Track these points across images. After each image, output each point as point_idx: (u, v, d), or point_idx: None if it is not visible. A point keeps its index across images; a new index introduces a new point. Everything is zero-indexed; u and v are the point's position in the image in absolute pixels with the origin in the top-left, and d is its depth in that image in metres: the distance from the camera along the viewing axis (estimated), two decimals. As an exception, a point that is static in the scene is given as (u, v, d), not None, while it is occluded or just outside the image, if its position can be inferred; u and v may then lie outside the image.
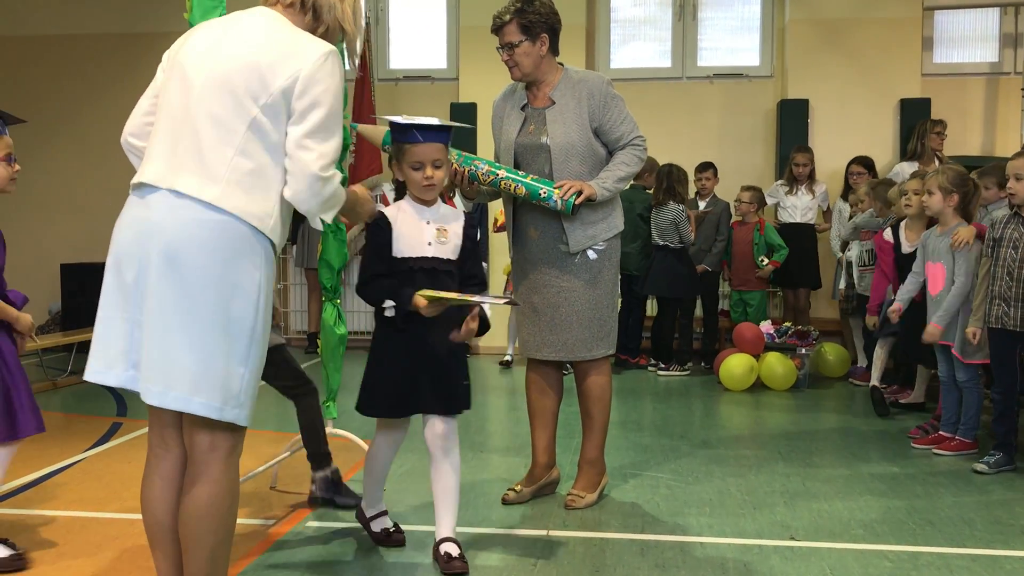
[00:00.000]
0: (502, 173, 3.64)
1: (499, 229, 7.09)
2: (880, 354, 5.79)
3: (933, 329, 4.69)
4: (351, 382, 3.52)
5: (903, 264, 5.29)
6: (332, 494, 3.64)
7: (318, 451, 3.65)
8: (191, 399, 2.24)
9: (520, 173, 3.67)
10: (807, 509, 3.79)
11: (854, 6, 8.09)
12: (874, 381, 5.80)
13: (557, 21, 3.77)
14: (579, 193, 3.56)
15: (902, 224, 5.46)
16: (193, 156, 2.28)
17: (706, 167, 7.56)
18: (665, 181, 7.10)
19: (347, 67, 2.70)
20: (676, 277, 7.13)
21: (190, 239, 2.23)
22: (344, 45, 2.61)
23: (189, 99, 2.32)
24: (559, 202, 3.57)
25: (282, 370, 3.58)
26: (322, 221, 2.52)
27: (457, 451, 3.12)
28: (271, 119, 2.30)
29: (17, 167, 3.22)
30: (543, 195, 3.59)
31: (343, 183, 2.51)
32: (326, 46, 2.39)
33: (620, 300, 5.64)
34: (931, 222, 4.97)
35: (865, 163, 7.35)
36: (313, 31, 2.47)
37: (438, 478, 3.11)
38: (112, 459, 4.62)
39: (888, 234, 5.52)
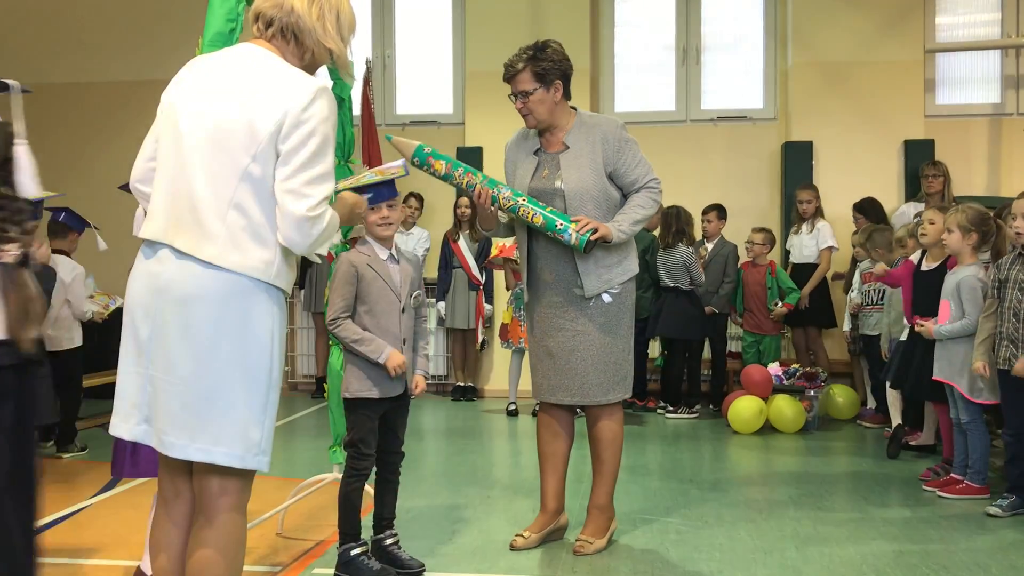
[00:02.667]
0: (522, 200, 3.66)
1: (492, 262, 7.10)
2: (893, 393, 5.74)
3: (929, 326, 4.78)
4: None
5: (920, 282, 5.21)
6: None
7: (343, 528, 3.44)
8: (212, 450, 2.26)
9: (540, 204, 3.67)
10: (818, 554, 3.75)
11: (856, 49, 8.14)
12: (896, 420, 5.74)
13: (569, 66, 3.77)
14: (594, 230, 3.56)
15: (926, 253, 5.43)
16: (189, 213, 2.29)
17: (711, 208, 7.56)
18: (674, 223, 7.11)
19: (348, 81, 2.69)
20: (687, 319, 7.10)
21: (201, 295, 2.26)
22: (335, 63, 2.56)
23: (182, 154, 2.33)
24: (574, 235, 3.56)
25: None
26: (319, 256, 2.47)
27: None
28: (262, 165, 2.29)
29: None
30: (559, 227, 3.59)
31: (331, 201, 2.40)
32: (314, 84, 2.35)
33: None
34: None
35: (859, 207, 7.31)
36: (301, 57, 2.46)
37: None
38: (118, 505, 4.60)
39: (914, 258, 5.48)
